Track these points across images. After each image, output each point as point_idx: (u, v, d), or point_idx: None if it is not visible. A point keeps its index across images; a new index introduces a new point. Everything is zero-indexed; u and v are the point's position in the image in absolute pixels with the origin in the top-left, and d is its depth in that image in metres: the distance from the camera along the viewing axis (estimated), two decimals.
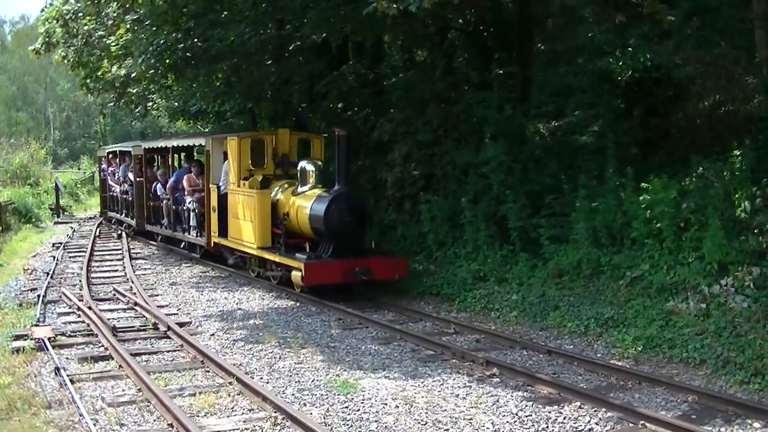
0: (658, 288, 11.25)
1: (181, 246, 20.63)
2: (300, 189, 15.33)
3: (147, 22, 18.38)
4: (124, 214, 26.40)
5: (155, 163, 24.50)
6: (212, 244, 18.03)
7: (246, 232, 16.09)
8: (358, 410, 8.44)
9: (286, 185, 16.00)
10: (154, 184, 22.62)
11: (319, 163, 15.83)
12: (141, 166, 23.92)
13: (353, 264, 13.90)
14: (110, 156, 29.45)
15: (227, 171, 17.18)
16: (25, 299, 14.66)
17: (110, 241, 24.37)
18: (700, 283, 10.71)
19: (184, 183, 19.94)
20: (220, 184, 17.50)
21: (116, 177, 27.72)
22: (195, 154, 23.46)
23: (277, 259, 15.09)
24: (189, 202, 19.62)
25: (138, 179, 23.68)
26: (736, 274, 10.36)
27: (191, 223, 19.56)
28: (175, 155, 23.93)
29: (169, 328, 12.01)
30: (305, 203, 14.85)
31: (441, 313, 13.51)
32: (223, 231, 17.34)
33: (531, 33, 17.66)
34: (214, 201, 17.71)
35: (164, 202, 21.55)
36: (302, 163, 15.57)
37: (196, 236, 19.27)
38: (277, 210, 15.73)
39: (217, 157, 17.97)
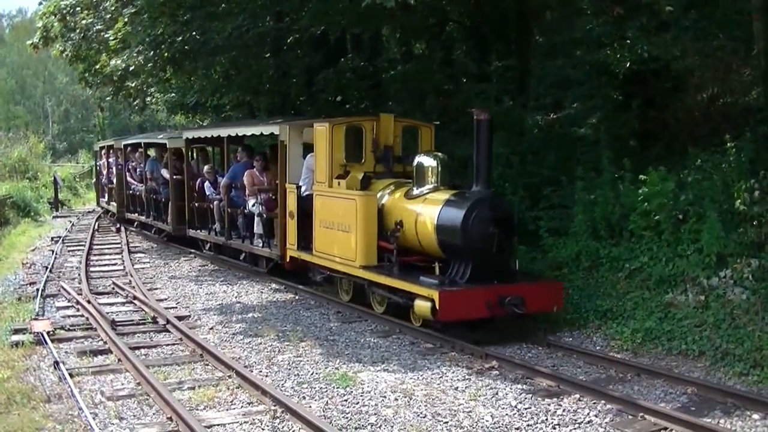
0: (656, 280, 11.25)
1: (241, 258, 16.93)
2: (416, 191, 11.99)
3: (145, 15, 18.36)
4: (152, 217, 22.72)
5: (191, 158, 21.52)
6: (288, 259, 14.54)
7: (342, 246, 12.58)
8: (358, 403, 8.45)
9: (392, 186, 12.64)
10: (198, 182, 19.33)
11: (442, 156, 12.28)
12: (181, 160, 20.77)
13: (501, 291, 10.65)
14: (128, 149, 25.81)
15: (311, 167, 13.77)
16: (24, 293, 14.66)
17: (109, 235, 24.36)
18: (698, 275, 10.71)
19: (245, 181, 16.30)
20: (301, 183, 14.13)
21: (137, 173, 24.55)
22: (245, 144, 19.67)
23: (391, 282, 11.62)
24: (253, 205, 16.03)
25: (176, 176, 20.48)
26: (734, 266, 10.36)
27: (256, 231, 16.02)
28: (210, 148, 21.16)
29: (168, 321, 12.00)
30: (429, 210, 11.46)
31: None
32: (306, 242, 13.86)
33: (529, 25, 17.69)
34: (292, 205, 14.21)
35: (215, 203, 18.00)
36: (420, 158, 12.17)
37: (263, 246, 15.80)
38: (384, 218, 12.26)
39: (296, 150, 14.61)
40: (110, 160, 28.83)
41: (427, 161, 12.07)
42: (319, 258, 13.38)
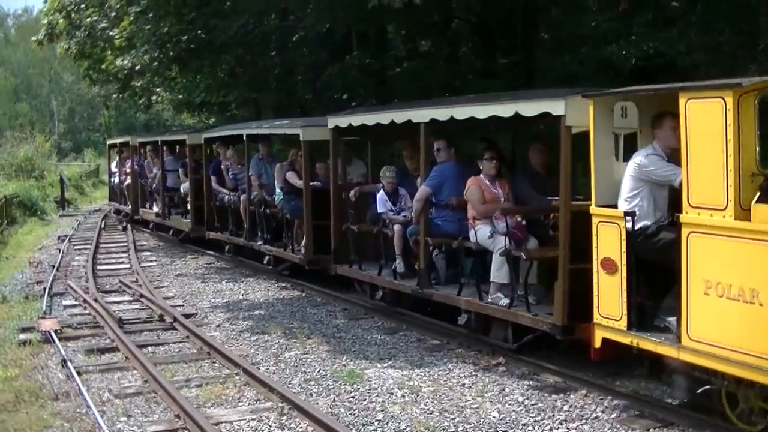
0: None
1: (458, 322, 10.42)
2: None
3: (150, 14, 18.39)
4: (262, 240, 16.04)
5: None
6: (598, 343, 8.09)
7: None
8: (365, 400, 8.45)
9: None
10: (354, 192, 13.11)
11: None
12: (313, 160, 14.83)
13: None
14: (215, 145, 19.20)
15: (650, 175, 7.65)
16: (31, 292, 14.70)
17: (115, 234, 24.40)
18: None
19: (468, 195, 10.16)
20: (629, 207, 7.71)
21: (230, 175, 17.88)
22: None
23: None
24: (489, 236, 9.86)
25: (313, 183, 14.33)
26: None
27: (494, 279, 9.80)
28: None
29: (175, 319, 12.02)
30: None
31: None
32: (647, 317, 7.73)
33: (535, 21, 17.65)
34: (611, 247, 7.78)
35: (395, 228, 11.79)
36: None
37: (510, 306, 9.50)
38: None
39: (604, 143, 8.32)
40: (166, 159, 22.64)
41: None
42: (700, 355, 6.87)
